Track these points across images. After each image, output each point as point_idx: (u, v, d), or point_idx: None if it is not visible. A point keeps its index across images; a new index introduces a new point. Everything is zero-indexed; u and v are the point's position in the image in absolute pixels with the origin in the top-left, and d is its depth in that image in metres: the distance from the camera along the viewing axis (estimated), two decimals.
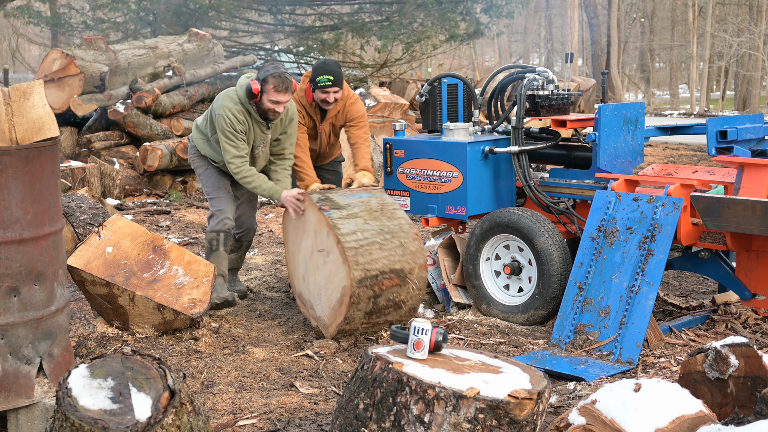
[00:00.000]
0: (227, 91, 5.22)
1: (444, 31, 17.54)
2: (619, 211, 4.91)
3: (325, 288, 4.90)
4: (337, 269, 4.78)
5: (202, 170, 5.52)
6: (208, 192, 5.51)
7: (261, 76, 5.07)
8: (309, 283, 5.09)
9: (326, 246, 4.87)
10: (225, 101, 5.16)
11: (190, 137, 5.58)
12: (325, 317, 4.89)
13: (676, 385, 3.12)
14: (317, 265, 4.98)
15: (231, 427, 3.78)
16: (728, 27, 32.26)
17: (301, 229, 5.18)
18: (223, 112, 5.14)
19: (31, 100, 3.37)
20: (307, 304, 5.15)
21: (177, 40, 12.07)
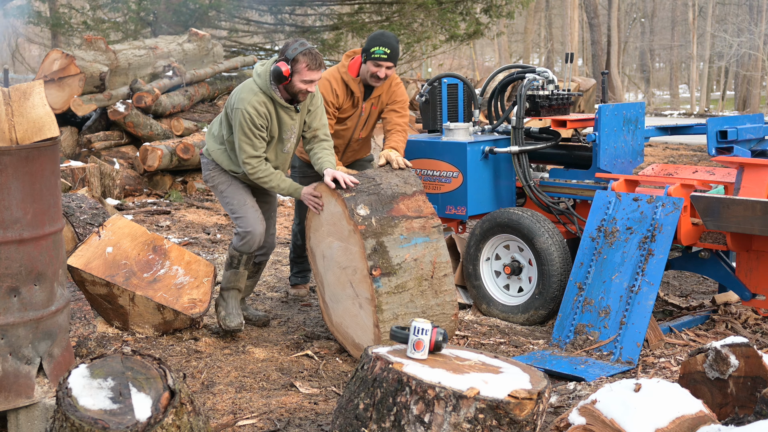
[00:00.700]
0: (244, 84, 4.70)
1: (444, 31, 17.55)
2: (619, 211, 4.92)
3: (351, 320, 4.68)
4: (364, 331, 4.53)
5: (225, 186, 4.90)
6: (234, 210, 4.88)
7: (290, 55, 4.55)
8: (335, 298, 4.75)
9: (361, 297, 4.50)
10: (243, 94, 4.64)
11: (204, 151, 4.99)
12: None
13: (676, 385, 3.12)
14: (345, 293, 4.64)
15: (231, 427, 3.78)
16: (728, 27, 32.27)
17: (328, 231, 4.70)
18: (241, 106, 4.61)
19: (31, 100, 3.37)
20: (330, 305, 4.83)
21: (177, 40, 12.07)
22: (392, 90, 5.21)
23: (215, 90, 12.19)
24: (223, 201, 4.95)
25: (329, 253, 4.66)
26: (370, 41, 4.99)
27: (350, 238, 4.46)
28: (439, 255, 4.52)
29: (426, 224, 4.51)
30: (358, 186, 4.52)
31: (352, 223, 4.41)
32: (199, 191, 10.45)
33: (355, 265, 4.47)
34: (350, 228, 4.44)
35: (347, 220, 4.45)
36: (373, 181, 4.59)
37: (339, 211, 4.51)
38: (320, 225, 4.71)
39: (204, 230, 8.33)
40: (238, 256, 4.93)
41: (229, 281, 5.00)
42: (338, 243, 4.58)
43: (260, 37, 18.76)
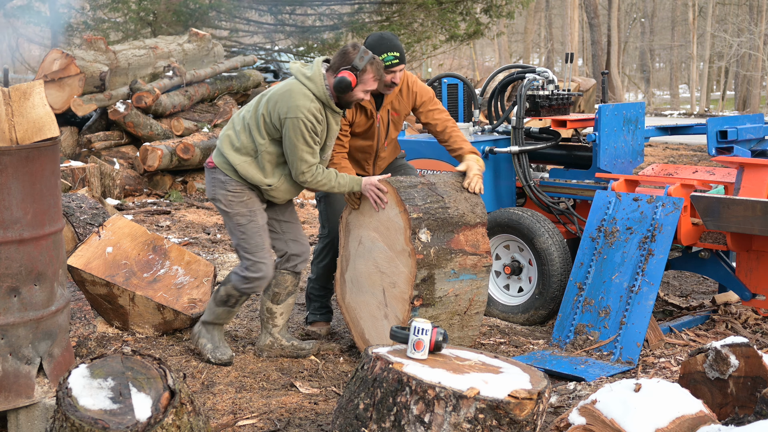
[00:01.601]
0: (292, 89, 4.23)
1: (444, 31, 17.56)
2: (619, 211, 4.92)
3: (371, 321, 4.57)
4: (380, 336, 4.44)
5: (245, 221, 4.39)
6: (249, 251, 4.40)
7: (359, 65, 4.18)
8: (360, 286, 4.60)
9: (390, 311, 4.38)
10: (298, 100, 4.19)
11: (217, 164, 4.39)
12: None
13: (676, 385, 3.12)
14: (372, 291, 4.51)
15: (231, 427, 3.78)
16: (728, 27, 32.27)
17: (375, 227, 4.47)
18: (301, 115, 4.17)
19: (31, 100, 3.37)
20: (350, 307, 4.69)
21: (177, 40, 12.07)
22: (413, 90, 4.75)
23: (215, 90, 12.19)
24: (237, 236, 4.41)
25: (369, 246, 4.49)
26: (374, 49, 4.50)
27: (401, 256, 4.31)
28: (479, 294, 4.47)
29: (478, 263, 4.42)
30: (427, 206, 4.33)
31: (410, 246, 4.25)
32: (199, 191, 10.46)
33: (396, 280, 4.34)
34: (406, 249, 4.27)
35: (406, 239, 4.27)
36: (442, 201, 4.40)
37: (399, 225, 4.31)
38: (369, 216, 4.48)
39: (204, 230, 8.33)
40: (238, 296, 4.51)
41: (218, 317, 4.58)
42: (384, 246, 4.41)
43: (260, 37, 18.77)
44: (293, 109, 4.18)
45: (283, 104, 4.21)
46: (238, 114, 4.44)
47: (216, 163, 4.39)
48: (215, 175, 4.39)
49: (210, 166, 4.43)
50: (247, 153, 4.33)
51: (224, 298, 4.50)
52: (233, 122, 4.42)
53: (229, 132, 4.40)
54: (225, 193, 4.36)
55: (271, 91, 4.32)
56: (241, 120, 4.38)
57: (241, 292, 4.47)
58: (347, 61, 4.21)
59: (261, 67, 16.67)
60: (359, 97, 4.28)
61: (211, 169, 4.43)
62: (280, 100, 4.23)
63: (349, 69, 4.20)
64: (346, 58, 4.21)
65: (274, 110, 4.24)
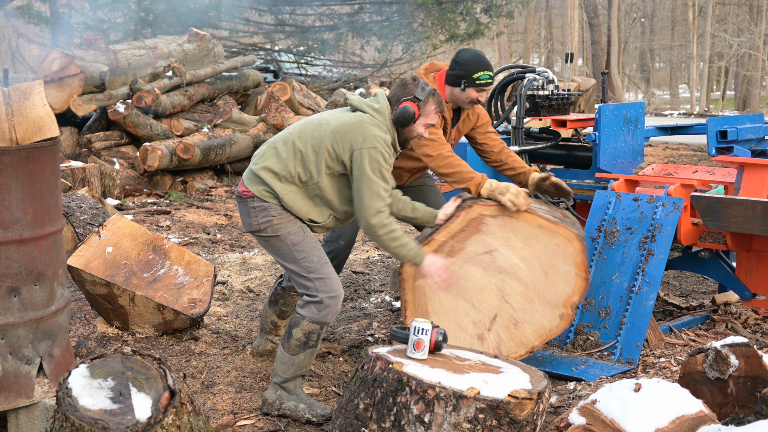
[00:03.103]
0: (363, 120, 3.88)
1: (444, 31, 17.56)
2: (619, 211, 4.92)
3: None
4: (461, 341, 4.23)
5: (299, 238, 3.95)
6: (313, 270, 3.94)
7: (422, 95, 3.94)
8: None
9: (502, 341, 4.25)
10: (374, 130, 3.84)
11: (255, 192, 3.94)
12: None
13: (676, 385, 3.12)
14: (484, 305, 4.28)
15: (231, 427, 3.78)
16: (728, 27, 32.27)
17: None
18: (378, 145, 3.81)
19: (31, 100, 3.37)
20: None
21: (177, 40, 12.07)
22: (476, 112, 4.70)
23: (215, 90, 12.19)
24: (297, 258, 3.95)
25: (502, 265, 4.22)
26: (470, 65, 4.45)
27: (545, 309, 4.15)
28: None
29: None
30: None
31: (569, 312, 4.13)
32: (199, 191, 10.46)
33: (524, 324, 4.20)
34: (562, 310, 4.14)
35: (567, 303, 4.14)
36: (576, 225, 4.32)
37: (565, 289, 4.17)
38: (516, 237, 4.22)
39: (204, 230, 8.33)
40: (318, 330, 3.94)
41: (301, 367, 3.99)
42: (526, 282, 4.20)
43: (260, 37, 18.77)
44: (370, 139, 3.81)
45: (357, 135, 3.82)
46: (280, 140, 3.97)
47: (254, 191, 3.92)
48: (253, 204, 3.93)
49: (246, 195, 3.95)
50: (293, 182, 3.91)
51: (303, 340, 3.94)
52: (275, 149, 3.94)
53: (272, 160, 3.92)
54: (269, 218, 3.92)
55: (332, 122, 3.91)
56: (289, 147, 3.90)
57: (322, 323, 3.93)
58: (408, 93, 3.96)
59: (261, 67, 16.68)
60: (419, 132, 4.00)
61: (247, 198, 3.95)
62: (351, 131, 3.84)
63: (410, 99, 3.95)
64: (406, 89, 3.97)
65: (343, 141, 3.83)
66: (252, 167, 3.97)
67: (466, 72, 4.48)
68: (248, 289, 6.09)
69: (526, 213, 4.18)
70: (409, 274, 4.22)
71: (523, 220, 4.18)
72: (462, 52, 4.55)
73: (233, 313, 5.52)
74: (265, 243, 4.00)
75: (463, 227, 4.21)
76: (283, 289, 4.45)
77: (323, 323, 3.93)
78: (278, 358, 3.99)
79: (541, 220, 4.16)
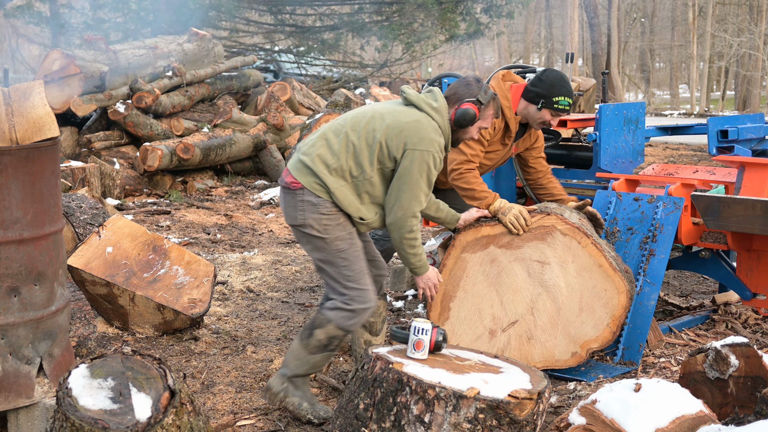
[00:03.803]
0: (421, 119, 3.75)
1: (444, 31, 17.57)
2: (620, 211, 4.91)
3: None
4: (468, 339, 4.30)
5: (346, 245, 3.79)
6: (352, 279, 3.79)
7: (485, 98, 3.86)
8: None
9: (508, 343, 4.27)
10: (431, 133, 3.74)
11: (301, 188, 3.75)
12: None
13: (677, 385, 3.12)
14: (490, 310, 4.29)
15: (231, 427, 3.78)
16: (728, 27, 32.27)
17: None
18: (433, 149, 3.71)
19: (31, 100, 3.36)
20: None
21: (177, 40, 12.07)
22: (536, 133, 4.70)
23: (215, 90, 12.19)
24: (338, 264, 3.79)
25: (548, 280, 4.22)
26: (554, 88, 4.43)
27: (566, 342, 4.20)
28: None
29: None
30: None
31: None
32: (199, 191, 10.46)
33: (536, 339, 4.20)
34: (578, 352, 4.17)
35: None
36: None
37: (590, 333, 4.18)
38: (556, 263, 4.22)
39: (204, 230, 8.33)
40: (342, 336, 3.84)
41: (314, 367, 3.90)
42: (551, 308, 4.22)
43: (260, 37, 18.78)
44: (426, 142, 3.71)
45: (413, 134, 3.70)
46: (332, 130, 3.82)
47: (304, 183, 3.73)
48: (303, 198, 3.73)
49: (294, 186, 3.75)
50: (343, 177, 3.73)
51: (324, 342, 3.81)
52: (326, 140, 3.78)
53: (323, 150, 3.75)
54: (318, 216, 3.72)
55: (387, 116, 3.78)
56: (341, 139, 3.75)
57: (347, 330, 3.82)
58: (471, 94, 3.87)
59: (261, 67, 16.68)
60: (472, 135, 3.94)
61: (295, 190, 3.75)
62: (407, 129, 3.71)
63: (473, 101, 3.86)
64: (469, 89, 3.88)
65: (398, 139, 3.71)
66: (301, 157, 3.78)
67: (548, 93, 4.45)
68: (248, 289, 6.09)
69: (594, 247, 4.19)
70: (461, 243, 4.24)
71: (587, 251, 4.20)
72: (549, 72, 4.51)
73: (233, 313, 5.52)
74: (307, 240, 3.81)
75: (532, 228, 4.24)
76: None
77: (348, 331, 3.83)
78: (293, 352, 3.86)
79: (604, 260, 4.18)
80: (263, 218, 9.09)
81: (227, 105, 11.76)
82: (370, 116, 3.79)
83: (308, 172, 3.74)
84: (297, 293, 6.11)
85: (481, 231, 4.25)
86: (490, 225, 4.26)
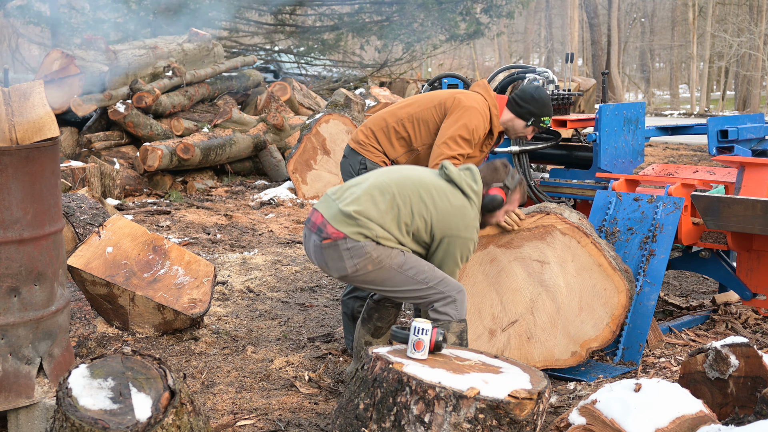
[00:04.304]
0: (465, 205, 3.79)
1: (444, 31, 17.57)
2: (620, 211, 4.91)
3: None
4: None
5: (402, 257, 3.76)
6: (430, 278, 3.78)
7: (512, 184, 3.92)
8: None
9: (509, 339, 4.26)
10: (474, 220, 3.81)
11: (344, 237, 3.70)
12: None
13: (677, 385, 3.12)
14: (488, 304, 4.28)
15: (231, 427, 3.78)
16: (728, 27, 32.27)
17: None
18: (474, 237, 3.81)
19: (31, 100, 3.36)
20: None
21: (177, 40, 12.07)
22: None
23: (215, 90, 12.19)
24: (407, 278, 3.77)
25: (548, 283, 4.23)
26: (544, 108, 4.58)
27: (565, 341, 4.20)
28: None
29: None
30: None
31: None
32: (199, 191, 10.46)
33: (536, 340, 4.18)
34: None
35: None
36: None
37: (590, 332, 4.21)
38: (557, 265, 4.25)
39: (204, 230, 8.33)
40: (465, 326, 3.84)
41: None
42: (551, 308, 4.22)
43: (260, 37, 18.77)
44: (470, 230, 3.78)
45: (458, 221, 3.75)
46: (377, 188, 3.77)
47: (348, 233, 3.68)
48: (347, 246, 3.70)
49: (336, 236, 3.71)
50: (385, 230, 3.74)
51: (458, 342, 3.79)
52: (371, 195, 3.74)
53: (367, 205, 3.72)
54: (368, 254, 3.70)
55: (434, 193, 3.77)
56: (387, 200, 3.73)
57: (464, 319, 3.85)
58: (498, 179, 3.90)
59: (261, 67, 16.68)
60: (498, 220, 4.04)
61: (339, 240, 3.71)
62: (454, 215, 3.75)
63: (500, 186, 3.90)
64: (496, 174, 3.90)
65: (444, 222, 3.75)
66: (344, 208, 3.72)
67: (539, 112, 4.58)
68: (248, 289, 6.09)
69: (594, 246, 4.20)
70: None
71: (587, 251, 4.21)
72: (541, 91, 4.59)
73: (233, 313, 5.52)
74: (367, 281, 3.79)
75: (531, 228, 4.23)
76: (376, 303, 4.16)
77: (464, 319, 3.84)
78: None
79: (604, 259, 4.20)
80: (263, 218, 9.09)
81: (227, 105, 11.76)
82: (417, 184, 3.79)
83: (353, 223, 3.70)
84: (297, 293, 6.11)
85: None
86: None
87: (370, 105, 13.60)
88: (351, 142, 4.66)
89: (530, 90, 4.62)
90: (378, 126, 4.61)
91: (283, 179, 11.14)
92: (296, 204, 9.81)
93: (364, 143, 4.60)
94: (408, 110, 4.59)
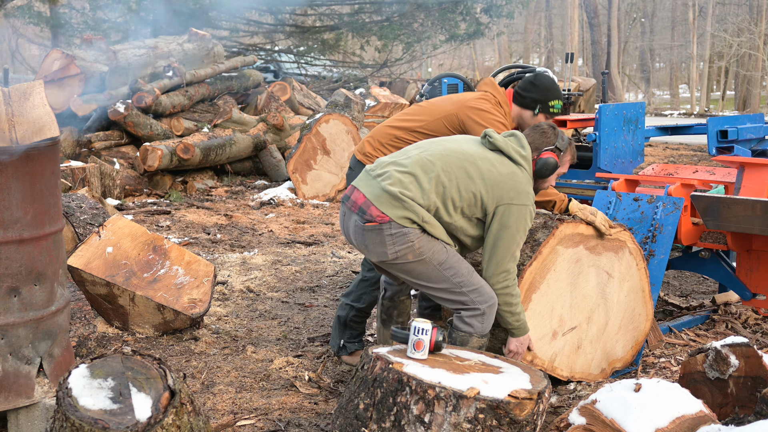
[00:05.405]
0: (515, 172, 3.66)
1: (444, 31, 17.58)
2: (619, 211, 4.91)
3: None
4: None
5: (444, 255, 3.62)
6: (465, 282, 3.64)
7: (563, 146, 3.81)
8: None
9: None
10: (527, 186, 3.65)
11: (389, 221, 3.55)
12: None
13: (677, 385, 3.12)
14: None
15: (231, 427, 3.78)
16: (728, 27, 32.28)
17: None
18: (529, 203, 3.62)
19: (31, 100, 3.36)
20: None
21: (177, 40, 12.07)
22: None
23: (215, 90, 12.19)
24: (449, 277, 3.63)
25: (610, 290, 4.19)
26: (549, 92, 4.41)
27: (612, 338, 4.23)
28: None
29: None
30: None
31: (633, 351, 4.27)
32: (199, 191, 10.46)
33: (591, 345, 4.15)
34: (631, 348, 4.27)
35: (636, 344, 4.28)
36: None
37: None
38: (619, 275, 4.21)
39: (204, 230, 8.33)
40: (486, 342, 3.73)
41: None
42: (606, 318, 4.20)
43: (260, 37, 18.78)
44: (524, 196, 3.61)
45: (509, 189, 3.60)
46: (420, 167, 3.63)
47: (393, 216, 3.54)
48: (390, 231, 3.56)
49: (381, 219, 3.56)
50: (430, 212, 3.60)
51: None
52: (415, 176, 3.61)
53: (412, 186, 3.59)
54: (411, 243, 3.56)
55: (480, 163, 3.63)
56: (432, 179, 3.59)
57: (487, 333, 3.70)
58: (548, 142, 3.79)
59: (261, 67, 16.68)
60: (551, 183, 3.89)
61: (383, 224, 3.56)
62: (503, 182, 3.60)
63: (551, 149, 3.79)
64: (546, 138, 3.80)
65: (494, 191, 3.59)
66: (389, 188, 3.57)
67: (544, 98, 4.41)
68: (248, 289, 6.09)
69: (644, 272, 4.30)
70: (561, 234, 3.96)
71: (639, 275, 4.28)
72: (540, 77, 4.46)
73: (233, 313, 5.52)
74: (403, 270, 3.66)
75: (611, 239, 4.17)
76: (390, 301, 4.11)
77: (487, 334, 3.70)
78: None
79: (647, 286, 4.32)
80: (263, 218, 9.09)
81: (227, 105, 11.76)
82: (462, 159, 3.65)
83: (399, 205, 3.56)
84: (297, 293, 6.11)
85: (579, 227, 4.05)
86: (585, 224, 4.08)
87: (370, 105, 13.60)
88: (357, 154, 4.54)
89: (529, 78, 4.51)
90: (387, 138, 4.48)
91: (283, 179, 11.14)
92: (296, 204, 9.82)
93: (371, 155, 4.47)
94: (416, 122, 4.46)
